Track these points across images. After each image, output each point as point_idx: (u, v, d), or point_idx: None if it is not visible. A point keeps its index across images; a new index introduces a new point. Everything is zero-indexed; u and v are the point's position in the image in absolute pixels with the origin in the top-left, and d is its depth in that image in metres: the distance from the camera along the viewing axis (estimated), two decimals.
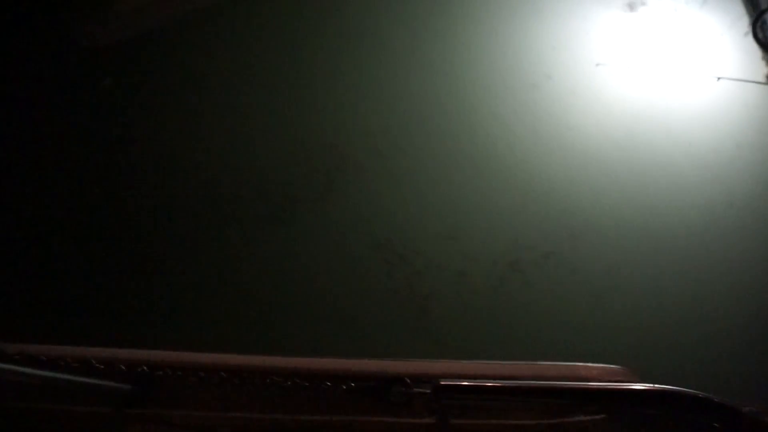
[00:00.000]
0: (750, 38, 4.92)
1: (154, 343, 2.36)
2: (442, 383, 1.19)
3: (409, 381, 1.23)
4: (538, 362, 1.38)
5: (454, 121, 4.53)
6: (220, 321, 3.67)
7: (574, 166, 4.37)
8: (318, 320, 3.68)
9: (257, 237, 3.98)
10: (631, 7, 5.05)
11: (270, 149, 4.36)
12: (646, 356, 3.45)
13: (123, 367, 2.21)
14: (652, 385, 1.18)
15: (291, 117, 4.51)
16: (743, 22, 5.08)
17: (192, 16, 5.00)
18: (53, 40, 4.66)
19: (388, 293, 3.76)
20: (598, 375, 1.30)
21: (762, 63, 5.04)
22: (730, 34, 5.07)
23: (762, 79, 4.96)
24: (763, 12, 4.67)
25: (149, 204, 4.15)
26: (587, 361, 1.41)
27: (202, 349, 2.27)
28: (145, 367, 2.25)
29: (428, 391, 1.19)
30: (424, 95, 4.63)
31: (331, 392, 1.32)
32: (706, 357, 3.58)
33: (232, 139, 4.41)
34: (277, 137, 4.42)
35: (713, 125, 4.73)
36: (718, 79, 4.64)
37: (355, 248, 3.92)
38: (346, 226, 4.03)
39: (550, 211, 4.14)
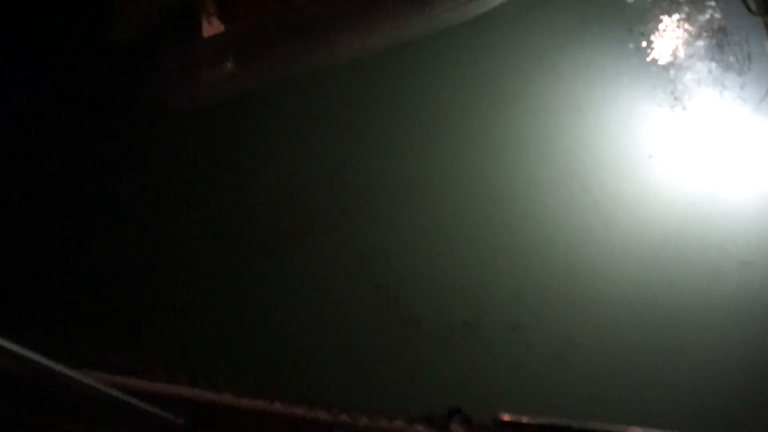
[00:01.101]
0: None
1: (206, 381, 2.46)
2: (504, 418, 1.20)
3: (467, 413, 1.25)
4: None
5: (485, 188, 4.82)
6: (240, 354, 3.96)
7: (609, 257, 4.47)
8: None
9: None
10: (677, 103, 5.19)
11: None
12: None
13: (177, 402, 2.31)
14: None
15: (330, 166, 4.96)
16: None
17: (259, 92, 5.50)
18: (144, 105, 5.20)
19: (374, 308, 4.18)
20: None
21: None
22: None
23: None
24: None
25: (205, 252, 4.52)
26: None
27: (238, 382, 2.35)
28: (196, 405, 2.34)
29: (488, 423, 1.21)
30: (451, 161, 4.95)
31: (391, 426, 1.35)
32: None
33: (282, 187, 4.86)
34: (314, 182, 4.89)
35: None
36: None
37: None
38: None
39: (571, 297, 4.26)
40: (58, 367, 1.42)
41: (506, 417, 1.17)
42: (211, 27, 5.60)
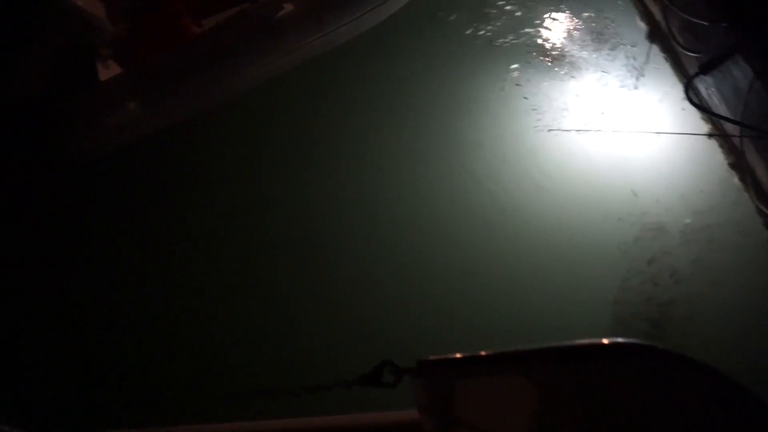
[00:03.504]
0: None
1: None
2: (424, 359, 1.25)
3: (396, 363, 1.30)
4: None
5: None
6: None
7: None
8: None
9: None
10: (570, 79, 5.64)
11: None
12: None
13: None
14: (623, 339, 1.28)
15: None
16: (678, 90, 5.61)
17: (169, 130, 5.43)
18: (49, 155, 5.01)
19: None
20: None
21: (701, 122, 5.53)
22: (668, 101, 5.59)
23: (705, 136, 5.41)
24: (692, 77, 5.13)
25: None
26: None
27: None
28: None
29: (414, 367, 1.25)
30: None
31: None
32: None
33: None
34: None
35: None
36: (658, 134, 5.04)
37: None
38: None
39: None
40: None
41: (430, 357, 1.22)
42: (108, 71, 5.44)
